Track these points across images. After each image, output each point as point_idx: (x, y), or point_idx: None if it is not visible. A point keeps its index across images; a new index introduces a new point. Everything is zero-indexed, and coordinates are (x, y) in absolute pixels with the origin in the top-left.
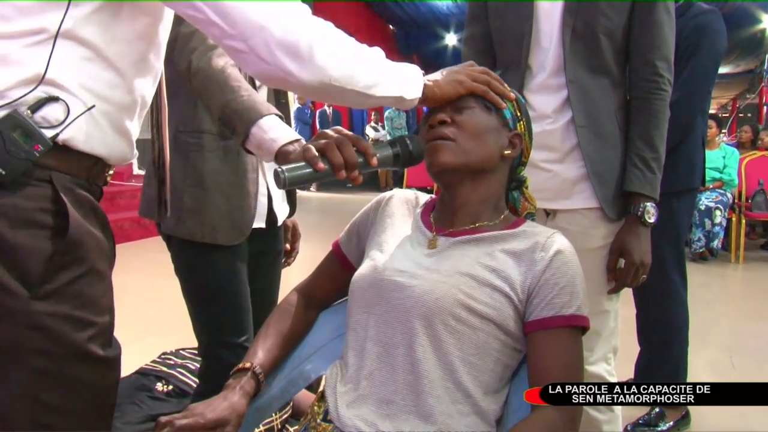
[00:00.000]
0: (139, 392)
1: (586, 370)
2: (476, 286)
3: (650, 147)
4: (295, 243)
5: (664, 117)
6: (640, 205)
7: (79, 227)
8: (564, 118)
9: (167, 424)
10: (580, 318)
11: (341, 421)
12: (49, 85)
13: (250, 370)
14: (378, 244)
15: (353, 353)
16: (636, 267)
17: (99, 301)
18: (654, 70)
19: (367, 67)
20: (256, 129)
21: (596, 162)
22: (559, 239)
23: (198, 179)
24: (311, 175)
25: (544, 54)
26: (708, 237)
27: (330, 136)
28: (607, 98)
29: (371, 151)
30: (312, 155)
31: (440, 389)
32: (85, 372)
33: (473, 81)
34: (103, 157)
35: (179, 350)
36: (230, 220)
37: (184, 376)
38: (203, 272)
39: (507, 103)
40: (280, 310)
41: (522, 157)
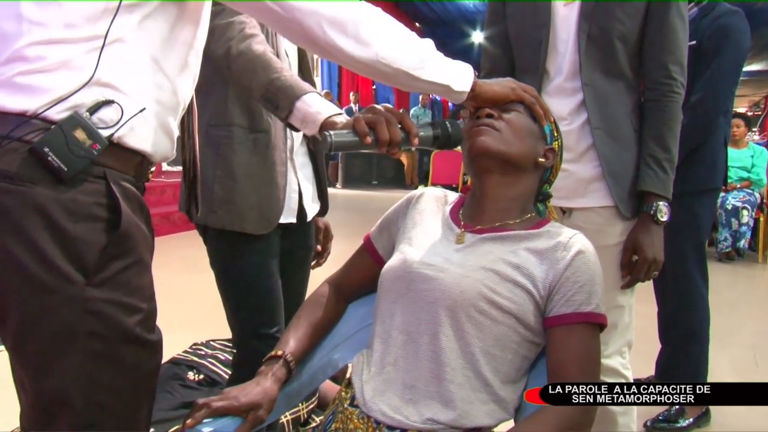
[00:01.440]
0: (171, 381)
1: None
2: (499, 281)
3: (663, 148)
4: (326, 244)
5: (677, 119)
6: (653, 204)
7: (129, 221)
8: (579, 119)
9: (204, 406)
10: (598, 315)
11: (367, 405)
12: (106, 87)
13: (281, 358)
14: (408, 238)
15: (379, 341)
16: (648, 263)
17: (145, 289)
18: (667, 74)
19: (413, 50)
20: (301, 103)
21: (611, 162)
22: (580, 240)
23: (228, 171)
24: (356, 144)
25: (560, 58)
26: (735, 237)
27: (380, 112)
28: (622, 101)
29: (414, 131)
30: (362, 127)
31: (461, 377)
32: (133, 354)
33: (524, 91)
34: (149, 155)
35: (209, 341)
36: (258, 211)
37: (214, 366)
38: (236, 264)
39: (548, 122)
40: (312, 301)
41: (551, 174)
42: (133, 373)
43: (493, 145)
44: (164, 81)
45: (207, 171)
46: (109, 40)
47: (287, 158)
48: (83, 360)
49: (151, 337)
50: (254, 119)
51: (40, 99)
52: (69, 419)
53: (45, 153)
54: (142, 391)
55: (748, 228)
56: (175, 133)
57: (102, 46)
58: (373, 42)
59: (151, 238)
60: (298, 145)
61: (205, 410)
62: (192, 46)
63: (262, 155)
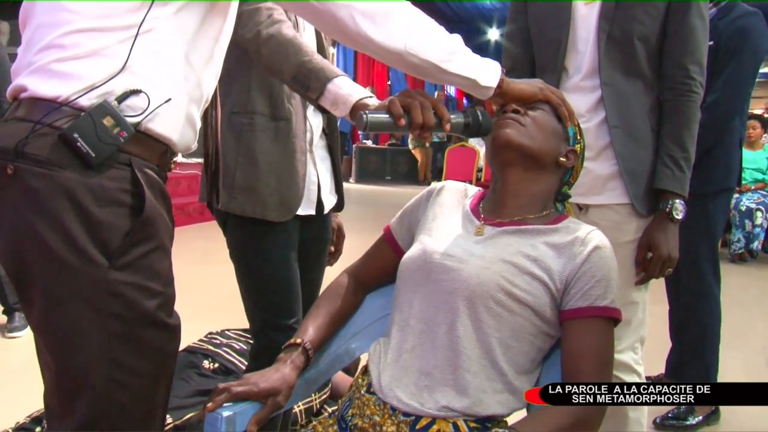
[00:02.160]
0: (187, 369)
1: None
2: (517, 274)
3: (680, 147)
4: (339, 244)
5: (695, 119)
6: (668, 202)
7: (152, 207)
8: (597, 117)
9: (225, 390)
10: (613, 310)
11: (383, 392)
12: (135, 77)
13: (300, 346)
14: (428, 229)
15: (397, 329)
16: (663, 260)
17: (165, 274)
18: (686, 74)
19: (442, 42)
20: (332, 85)
21: (628, 160)
22: (598, 236)
23: (250, 158)
24: (389, 125)
25: (580, 57)
26: (748, 238)
27: (414, 96)
28: (640, 100)
29: (447, 117)
30: (398, 109)
31: (477, 366)
32: (154, 337)
33: (551, 92)
34: (173, 144)
35: (224, 331)
36: (279, 198)
37: (229, 355)
38: (256, 252)
39: (572, 125)
40: (331, 291)
41: (571, 176)
42: (153, 355)
43: (516, 138)
44: (190, 73)
45: (228, 158)
46: (142, 31)
47: (307, 148)
48: (105, 341)
49: (170, 321)
50: (276, 107)
51: (73, 86)
52: (90, 398)
53: (74, 139)
54: (161, 373)
55: (761, 229)
56: (198, 125)
57: (135, 36)
58: (402, 34)
59: (171, 225)
60: (318, 138)
61: (225, 394)
62: (218, 41)
63: (283, 143)
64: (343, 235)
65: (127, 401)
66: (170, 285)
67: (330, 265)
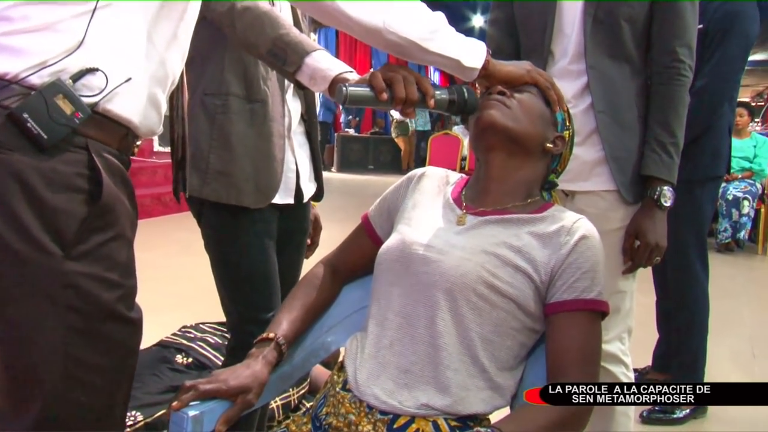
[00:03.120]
0: (159, 364)
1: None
2: (500, 265)
3: (668, 132)
4: (316, 236)
5: (683, 103)
6: (656, 189)
7: (111, 193)
8: (584, 103)
9: (191, 388)
10: (600, 303)
11: (360, 389)
12: (92, 54)
13: (273, 341)
14: (407, 218)
15: (374, 323)
16: (651, 248)
17: (126, 265)
18: (675, 57)
19: (423, 20)
20: (310, 60)
21: (615, 147)
22: (585, 225)
23: (224, 141)
24: (371, 99)
25: (566, 40)
26: (735, 227)
27: (397, 70)
28: (627, 84)
29: (431, 93)
30: (379, 82)
31: (458, 362)
32: (113, 331)
33: (539, 75)
34: (135, 127)
35: (199, 324)
36: (255, 183)
37: (203, 350)
38: (232, 242)
39: (560, 110)
40: (306, 282)
41: (559, 164)
42: (112, 350)
43: (500, 120)
44: (153, 52)
45: (202, 141)
46: (101, 5)
47: (285, 133)
48: (60, 335)
49: (131, 314)
50: (251, 89)
51: (23, 62)
52: (44, 396)
53: (24, 119)
54: (121, 369)
55: (748, 219)
56: (163, 107)
57: (93, 11)
58: (380, 9)
59: (134, 214)
60: (296, 124)
61: (192, 393)
62: (183, 19)
63: (259, 126)
64: (320, 226)
65: (85, 399)
66: (131, 276)
67: (306, 257)
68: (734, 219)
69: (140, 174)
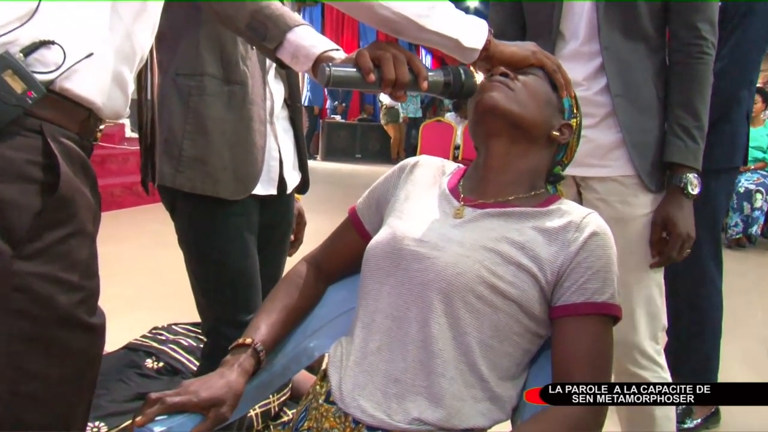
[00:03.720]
0: (127, 369)
1: (637, 348)
2: (501, 263)
3: (692, 115)
4: (299, 232)
5: (706, 83)
6: (682, 177)
7: (70, 183)
8: (598, 85)
9: (157, 401)
10: (613, 306)
11: (344, 402)
12: (46, 25)
13: (250, 347)
14: (399, 211)
15: (361, 326)
16: (682, 239)
17: (87, 264)
18: (696, 33)
19: None
20: (293, 35)
21: (634, 132)
22: (595, 219)
23: (199, 125)
24: (357, 80)
25: (577, 19)
26: (746, 222)
27: (387, 48)
28: (644, 65)
29: (424, 74)
30: (366, 63)
31: (453, 370)
32: (71, 339)
33: (546, 57)
34: (98, 109)
35: (171, 325)
36: (233, 172)
37: (176, 353)
38: (208, 237)
39: (568, 95)
40: (287, 282)
41: (565, 155)
42: (70, 360)
43: (503, 103)
44: (118, 24)
45: (174, 126)
46: None
47: (267, 118)
48: (9, 345)
49: (92, 319)
50: (229, 69)
51: None
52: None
53: None
54: (80, 382)
55: (761, 213)
56: (130, 87)
57: None
58: None
59: (96, 207)
60: (279, 108)
61: (158, 406)
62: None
63: (237, 110)
64: (304, 222)
65: (38, 417)
66: (92, 277)
67: (289, 255)
68: (746, 213)
69: (110, 161)
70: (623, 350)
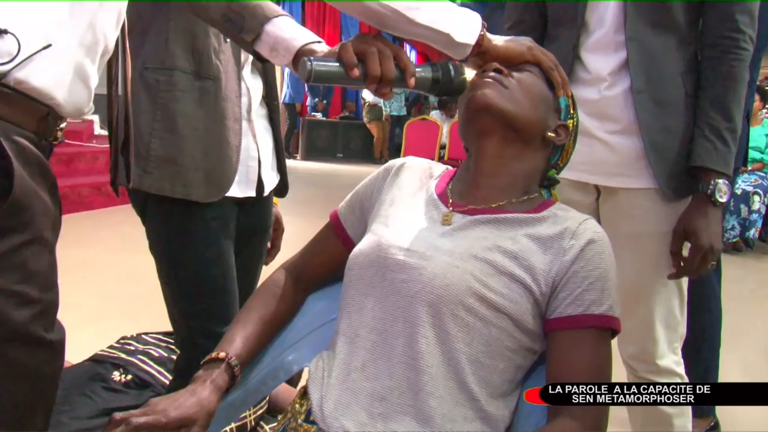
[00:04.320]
0: (92, 382)
1: (655, 364)
2: (493, 274)
3: (724, 115)
4: (277, 239)
5: (742, 81)
6: (710, 182)
7: (25, 188)
8: (624, 83)
9: (123, 421)
10: (611, 319)
11: (326, 421)
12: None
13: (224, 361)
14: (383, 217)
15: (344, 341)
16: (704, 252)
17: (44, 275)
18: (733, 25)
19: None
20: (272, 26)
21: (654, 131)
22: (592, 226)
23: (169, 123)
24: (340, 76)
25: (603, 7)
26: (744, 225)
27: (372, 42)
28: (672, 59)
29: (411, 70)
30: (350, 57)
31: (442, 388)
32: (25, 356)
33: (542, 53)
34: (57, 105)
35: (141, 335)
36: (205, 173)
37: (145, 365)
38: (181, 244)
39: (564, 95)
40: (264, 291)
41: (560, 158)
42: (26, 380)
43: (497, 101)
44: (80, 11)
45: (142, 124)
46: None
47: (243, 115)
48: None
49: (49, 335)
50: (201, 63)
51: None
52: None
53: None
54: (36, 401)
55: (759, 216)
56: (94, 81)
57: None
58: None
59: (56, 212)
60: (257, 105)
61: (123, 427)
62: None
63: (210, 107)
64: (282, 228)
65: None
66: (50, 289)
67: (265, 264)
68: (743, 216)
69: (78, 160)
70: (643, 366)
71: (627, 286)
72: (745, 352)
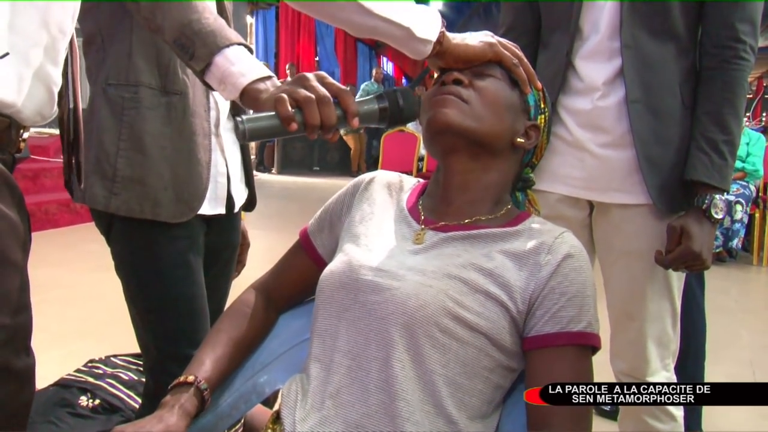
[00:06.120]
0: (57, 408)
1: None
2: (467, 292)
3: (722, 128)
4: (243, 254)
5: (741, 92)
6: (705, 197)
7: None
8: (618, 92)
9: None
10: (590, 336)
11: None
12: None
13: (193, 385)
14: (354, 236)
15: (318, 366)
16: (693, 255)
17: (13, 298)
18: (733, 34)
19: None
20: (222, 58)
21: (649, 144)
22: (568, 240)
23: (135, 142)
24: (278, 130)
25: (598, 12)
26: (726, 235)
27: (309, 86)
28: (670, 68)
29: (353, 109)
30: (285, 110)
31: (419, 413)
32: None
33: (504, 48)
34: (16, 111)
35: (109, 357)
36: (175, 192)
37: (114, 389)
38: (149, 265)
39: (533, 90)
40: (234, 311)
41: (534, 156)
42: None
43: (457, 120)
44: (30, 10)
45: (107, 143)
46: None
47: (211, 130)
48: None
49: (18, 362)
50: (167, 78)
51: None
52: None
53: None
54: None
55: (741, 225)
56: (56, 86)
57: None
58: None
59: (25, 229)
60: (225, 119)
61: None
62: None
63: (177, 123)
64: (248, 243)
65: None
66: (21, 312)
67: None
68: (726, 225)
69: (44, 176)
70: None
71: (620, 303)
72: (730, 365)
